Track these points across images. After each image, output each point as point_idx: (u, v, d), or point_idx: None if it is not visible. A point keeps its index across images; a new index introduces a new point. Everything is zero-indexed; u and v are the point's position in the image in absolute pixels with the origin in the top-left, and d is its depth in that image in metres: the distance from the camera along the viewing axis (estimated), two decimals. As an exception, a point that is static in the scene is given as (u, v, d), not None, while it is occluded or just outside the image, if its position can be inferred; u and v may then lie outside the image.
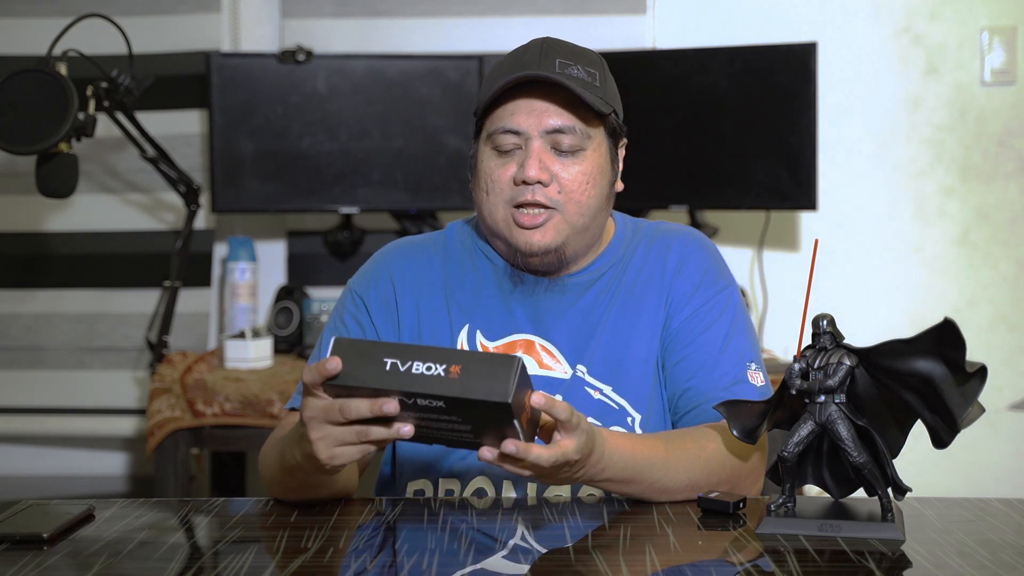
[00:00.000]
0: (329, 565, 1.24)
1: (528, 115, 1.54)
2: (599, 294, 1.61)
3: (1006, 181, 3.14)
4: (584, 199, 1.55)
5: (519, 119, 1.54)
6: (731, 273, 1.67)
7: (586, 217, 1.56)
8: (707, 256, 1.64)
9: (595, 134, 1.57)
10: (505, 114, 1.55)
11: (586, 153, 1.55)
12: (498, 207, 1.56)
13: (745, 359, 1.58)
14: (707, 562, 1.25)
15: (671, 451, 1.44)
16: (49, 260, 3.18)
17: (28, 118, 2.36)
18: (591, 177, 1.56)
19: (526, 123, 1.54)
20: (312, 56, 3.01)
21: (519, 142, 1.54)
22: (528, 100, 1.54)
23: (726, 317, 1.59)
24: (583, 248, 1.60)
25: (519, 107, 1.54)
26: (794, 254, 3.17)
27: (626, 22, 3.14)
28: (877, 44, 3.15)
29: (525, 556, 1.26)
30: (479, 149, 1.59)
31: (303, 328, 2.98)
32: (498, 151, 1.56)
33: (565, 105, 1.54)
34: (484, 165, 1.57)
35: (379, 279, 1.64)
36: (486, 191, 1.57)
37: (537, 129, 1.53)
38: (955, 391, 1.25)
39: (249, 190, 3.02)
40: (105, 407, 3.14)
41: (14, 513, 1.38)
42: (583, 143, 1.55)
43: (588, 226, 1.58)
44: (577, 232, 1.56)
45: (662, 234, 1.66)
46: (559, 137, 1.54)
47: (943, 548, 1.27)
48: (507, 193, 1.55)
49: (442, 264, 1.65)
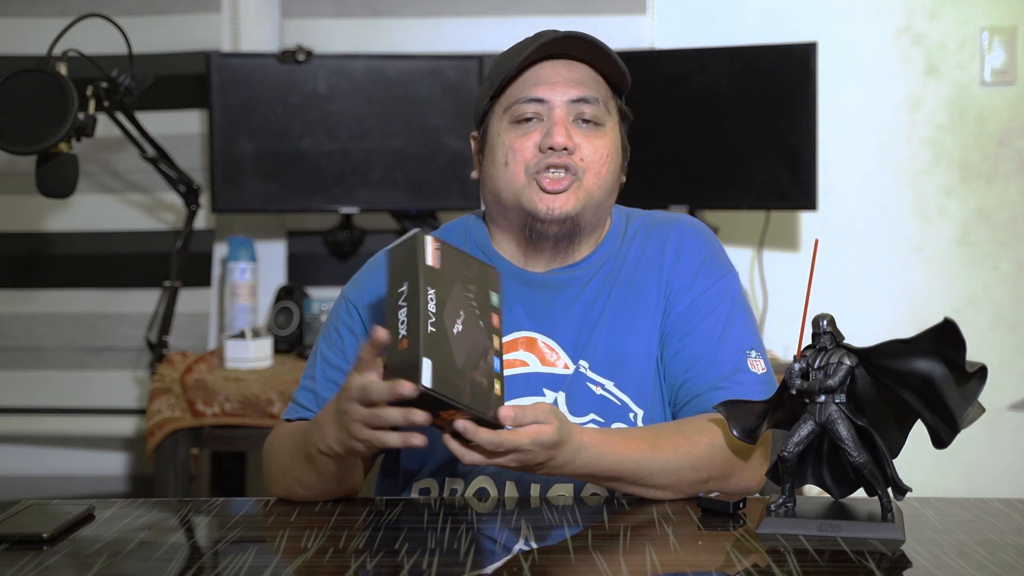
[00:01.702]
0: (329, 565, 1.24)
1: (552, 86, 1.55)
2: (599, 288, 1.60)
3: (1006, 181, 3.14)
4: (604, 172, 1.56)
5: (542, 89, 1.54)
6: (730, 261, 1.65)
7: (603, 191, 1.57)
8: (705, 244, 1.63)
9: (613, 111, 1.59)
10: (526, 85, 1.55)
11: (605, 128, 1.57)
12: (518, 174, 1.54)
13: (745, 347, 1.56)
14: (707, 562, 1.26)
15: (659, 449, 1.43)
16: (49, 260, 3.18)
17: (28, 118, 2.36)
18: (610, 152, 1.57)
19: (550, 93, 1.54)
20: (312, 56, 3.01)
21: (541, 112, 1.55)
22: (551, 69, 1.55)
23: (724, 306, 1.58)
24: (593, 224, 1.60)
25: (541, 77, 1.55)
26: (794, 254, 3.17)
27: (626, 22, 3.14)
28: (877, 44, 3.15)
29: (525, 556, 1.26)
30: (492, 127, 1.58)
31: (303, 328, 2.97)
32: (517, 123, 1.55)
33: (588, 76, 1.56)
34: (502, 138, 1.56)
35: (372, 286, 1.63)
36: (504, 161, 1.55)
37: (562, 98, 1.54)
38: (955, 391, 1.25)
39: (249, 190, 3.02)
40: (105, 407, 3.14)
41: (14, 513, 1.38)
42: (603, 118, 1.56)
43: (602, 202, 1.58)
44: (593, 204, 1.56)
45: (659, 224, 1.65)
46: (582, 107, 1.55)
47: (943, 548, 1.27)
48: (530, 161, 1.54)
49: None
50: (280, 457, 1.54)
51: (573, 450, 1.37)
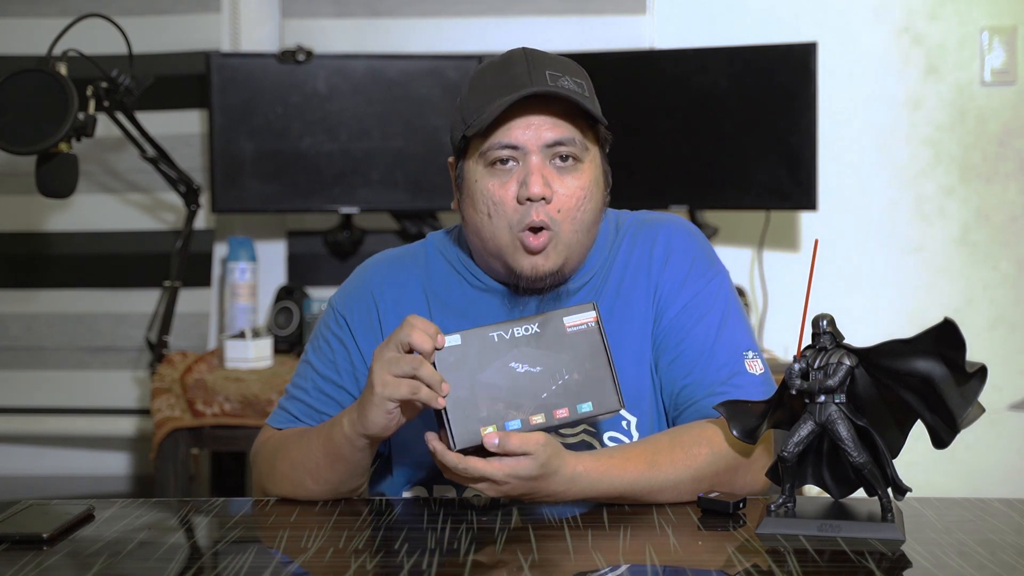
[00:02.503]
0: (329, 565, 1.24)
1: (525, 129, 1.49)
2: (587, 296, 1.58)
3: (1006, 181, 3.14)
4: (580, 215, 1.52)
5: (516, 134, 1.49)
6: (719, 260, 1.63)
7: (580, 233, 1.53)
8: (693, 246, 1.61)
9: (590, 144, 1.54)
10: (500, 132, 1.50)
11: (583, 165, 1.52)
12: (503, 231, 1.51)
13: (741, 349, 1.55)
14: (707, 562, 1.26)
15: (657, 467, 1.42)
16: (49, 260, 3.18)
17: (28, 118, 2.36)
18: (588, 191, 1.52)
19: (523, 138, 1.49)
20: (312, 56, 3.01)
21: (516, 156, 1.50)
22: (524, 116, 1.50)
23: (717, 308, 1.56)
24: (577, 263, 1.57)
25: (515, 122, 1.50)
26: (794, 254, 3.17)
27: (626, 22, 3.14)
28: (877, 44, 3.15)
29: (525, 556, 1.26)
30: (468, 168, 1.54)
31: (303, 328, 2.97)
32: (493, 168, 1.51)
33: (562, 116, 1.50)
34: (480, 185, 1.52)
35: (360, 297, 1.62)
36: (488, 214, 1.51)
37: (536, 143, 1.49)
38: (955, 391, 1.25)
39: (249, 190, 3.02)
40: (105, 407, 3.14)
41: (14, 513, 1.38)
42: (581, 154, 1.52)
43: (582, 241, 1.55)
44: (572, 249, 1.53)
45: (646, 226, 1.62)
46: (558, 149, 1.50)
47: (943, 548, 1.27)
48: (513, 216, 1.50)
49: (425, 278, 1.62)
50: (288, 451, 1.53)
51: (565, 480, 1.37)
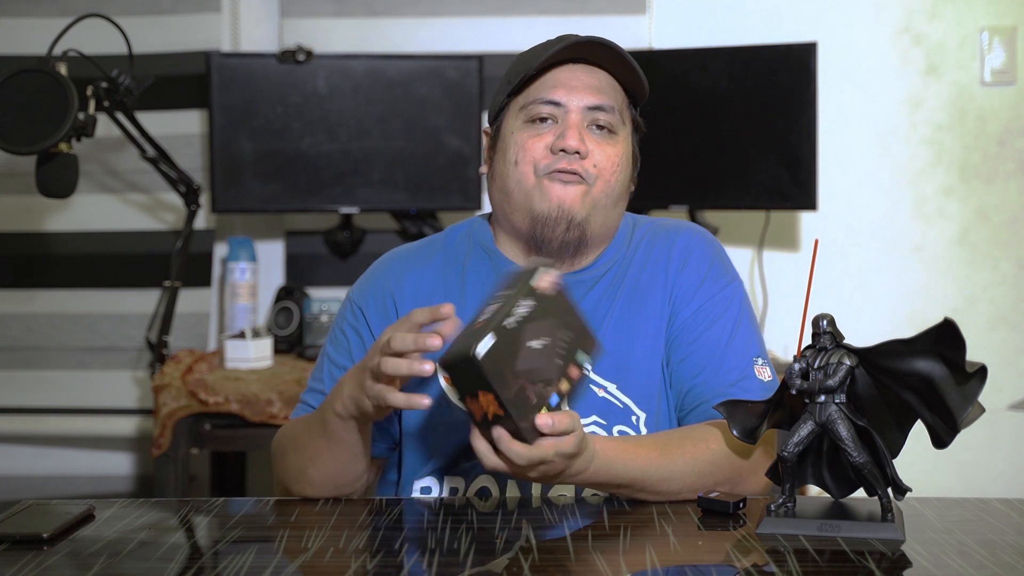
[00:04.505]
0: (329, 565, 1.24)
1: (569, 90, 1.55)
2: (603, 292, 1.60)
3: (1006, 181, 3.14)
4: (613, 180, 1.56)
5: (559, 92, 1.55)
6: (735, 268, 1.66)
7: (611, 198, 1.57)
8: (711, 252, 1.63)
9: (627, 121, 1.60)
10: (545, 87, 1.56)
11: (618, 137, 1.58)
12: (528, 174, 1.55)
13: (751, 354, 1.57)
14: (707, 562, 1.26)
15: (668, 455, 1.43)
16: (49, 260, 3.18)
17: (28, 118, 2.36)
18: (621, 163, 1.57)
19: (567, 96, 1.55)
20: (312, 56, 3.01)
21: (556, 114, 1.55)
22: (571, 73, 1.56)
23: (731, 313, 1.59)
24: (600, 233, 1.59)
25: (560, 80, 1.56)
26: (794, 254, 3.17)
27: (625, 22, 3.14)
28: (877, 44, 3.15)
29: (525, 556, 1.26)
30: (506, 124, 1.59)
31: (303, 328, 2.98)
32: (531, 122, 1.56)
33: (607, 83, 1.57)
34: (515, 137, 1.57)
35: (377, 289, 1.63)
36: (515, 160, 1.56)
37: (578, 104, 1.55)
38: (955, 391, 1.25)
39: (249, 190, 3.02)
40: (105, 407, 3.14)
41: (14, 513, 1.39)
42: (618, 127, 1.57)
43: (609, 210, 1.58)
44: (600, 211, 1.56)
45: (665, 231, 1.65)
46: (597, 115, 1.56)
47: (943, 548, 1.27)
48: (541, 161, 1.54)
49: (442, 267, 1.64)
50: (295, 437, 1.54)
51: (588, 458, 1.37)
